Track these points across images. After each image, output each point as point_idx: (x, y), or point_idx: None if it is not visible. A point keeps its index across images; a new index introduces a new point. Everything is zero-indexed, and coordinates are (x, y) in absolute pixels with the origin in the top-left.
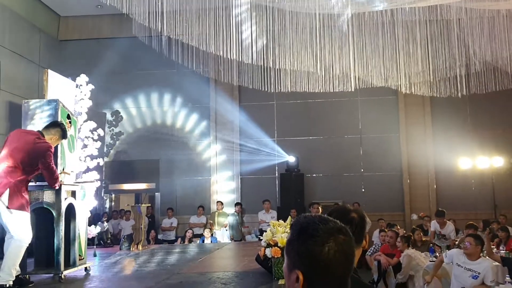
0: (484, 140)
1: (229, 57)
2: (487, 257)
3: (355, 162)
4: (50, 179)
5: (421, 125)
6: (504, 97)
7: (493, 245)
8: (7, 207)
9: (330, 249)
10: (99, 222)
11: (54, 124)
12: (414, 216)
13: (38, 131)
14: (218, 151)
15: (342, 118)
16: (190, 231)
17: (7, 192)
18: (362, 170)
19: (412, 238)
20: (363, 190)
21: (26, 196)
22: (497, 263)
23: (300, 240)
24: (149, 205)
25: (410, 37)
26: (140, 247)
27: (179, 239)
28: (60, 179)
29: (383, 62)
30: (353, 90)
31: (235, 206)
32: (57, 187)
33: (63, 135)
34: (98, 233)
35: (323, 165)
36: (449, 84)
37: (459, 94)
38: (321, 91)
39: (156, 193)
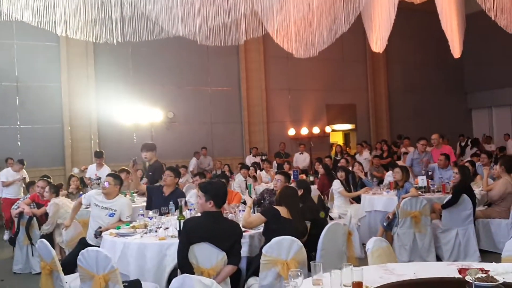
0: (145, 94)
1: None
2: (122, 195)
3: (11, 113)
4: None
5: (84, 77)
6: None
7: None
8: None
9: None
10: None
11: None
12: (76, 170)
13: None
14: None
15: None
16: None
17: None
18: (18, 122)
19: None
20: (19, 144)
21: None
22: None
23: None
24: None
25: None
26: None
27: None
28: None
29: None
30: None
31: None
32: None
33: None
34: None
35: None
36: (105, 29)
37: (114, 41)
38: None
39: None
